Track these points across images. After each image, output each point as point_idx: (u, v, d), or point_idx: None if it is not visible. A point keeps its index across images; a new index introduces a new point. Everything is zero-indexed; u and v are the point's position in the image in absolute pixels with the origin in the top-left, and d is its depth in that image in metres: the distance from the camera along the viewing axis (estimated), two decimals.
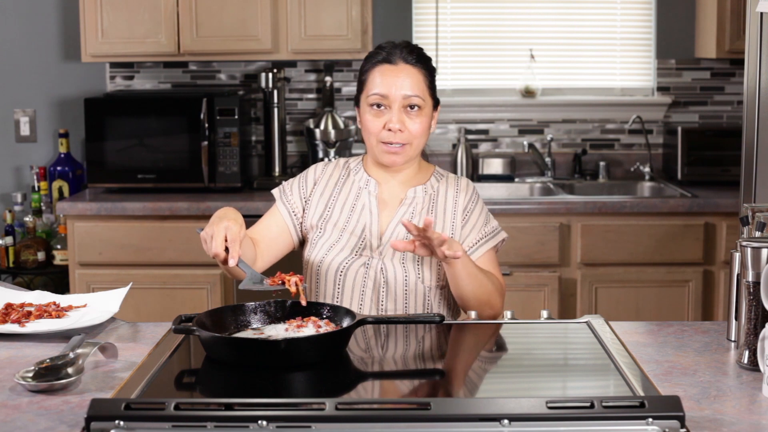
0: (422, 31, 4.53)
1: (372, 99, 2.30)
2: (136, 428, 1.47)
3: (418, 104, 2.29)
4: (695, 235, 3.92)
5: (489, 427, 1.46)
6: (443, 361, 1.95)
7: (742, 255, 1.86)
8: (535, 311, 2.66)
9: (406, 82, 2.28)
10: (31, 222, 4.30)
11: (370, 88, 2.31)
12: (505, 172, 4.47)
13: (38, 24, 4.49)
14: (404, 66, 2.30)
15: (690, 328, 2.13)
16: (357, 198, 2.38)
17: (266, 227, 2.40)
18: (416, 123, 2.29)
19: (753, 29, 2.72)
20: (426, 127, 2.32)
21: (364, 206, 2.36)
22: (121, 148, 4.13)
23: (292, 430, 1.47)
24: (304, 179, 2.45)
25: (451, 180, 2.41)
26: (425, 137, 2.34)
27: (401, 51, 2.31)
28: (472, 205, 2.38)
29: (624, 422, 1.46)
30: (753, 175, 2.73)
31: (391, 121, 2.28)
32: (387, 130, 2.28)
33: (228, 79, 4.53)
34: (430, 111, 2.34)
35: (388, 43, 2.35)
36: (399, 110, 2.28)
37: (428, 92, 2.32)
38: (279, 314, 2.02)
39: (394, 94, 2.28)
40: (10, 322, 2.14)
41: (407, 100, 2.28)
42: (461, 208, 2.36)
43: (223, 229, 2.04)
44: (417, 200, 2.36)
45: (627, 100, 4.53)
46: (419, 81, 2.30)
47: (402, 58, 2.30)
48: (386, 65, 2.30)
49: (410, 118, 2.29)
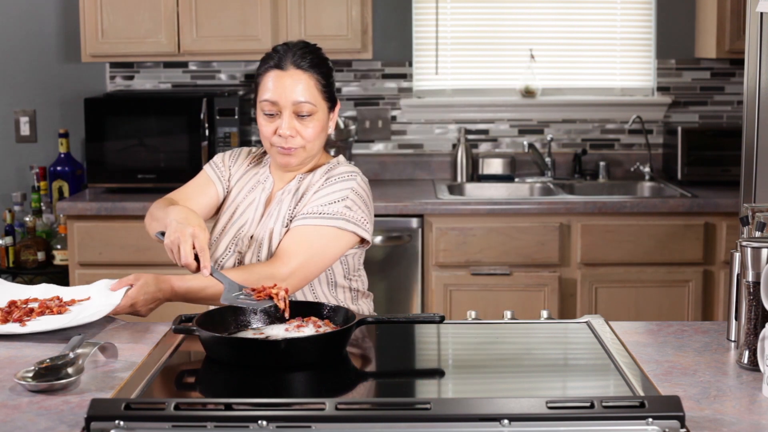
0: (422, 31, 4.53)
1: (263, 105, 2.28)
2: (136, 428, 1.47)
3: (309, 110, 2.26)
4: (695, 235, 3.92)
5: (489, 427, 1.46)
6: (443, 361, 1.95)
7: (742, 255, 1.86)
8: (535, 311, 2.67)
9: (297, 89, 2.25)
10: (31, 222, 4.30)
11: (262, 93, 2.29)
12: (505, 172, 4.47)
13: (38, 24, 4.49)
14: (295, 72, 2.26)
15: (690, 328, 2.13)
16: (251, 191, 2.39)
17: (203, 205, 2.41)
18: (308, 128, 2.27)
19: (753, 29, 2.72)
20: (319, 130, 2.29)
21: (252, 202, 2.38)
22: (121, 148, 4.13)
23: (292, 430, 1.47)
24: (235, 157, 2.46)
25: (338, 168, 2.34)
26: (320, 139, 2.32)
27: (293, 55, 2.27)
28: (328, 184, 2.30)
29: (624, 422, 1.46)
30: (753, 175, 2.73)
31: (281, 127, 2.26)
32: (278, 136, 2.27)
33: (228, 79, 4.53)
34: (325, 115, 2.31)
35: (283, 46, 2.31)
36: (290, 116, 2.26)
37: (321, 96, 2.28)
38: (279, 314, 2.01)
39: (284, 101, 2.25)
40: (11, 321, 2.14)
41: (298, 106, 2.25)
42: (319, 185, 2.31)
43: (189, 236, 2.02)
44: (290, 188, 2.34)
45: (627, 100, 4.53)
46: (310, 86, 2.26)
47: (293, 63, 2.26)
48: (277, 71, 2.26)
49: (302, 123, 2.27)
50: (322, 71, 2.29)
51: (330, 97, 2.32)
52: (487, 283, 3.93)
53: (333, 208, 2.26)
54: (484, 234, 3.92)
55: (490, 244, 3.92)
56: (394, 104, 4.54)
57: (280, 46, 2.32)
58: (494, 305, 3.85)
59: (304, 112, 2.26)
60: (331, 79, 2.33)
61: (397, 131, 4.56)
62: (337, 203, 2.27)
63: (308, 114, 2.27)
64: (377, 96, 4.53)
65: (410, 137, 4.57)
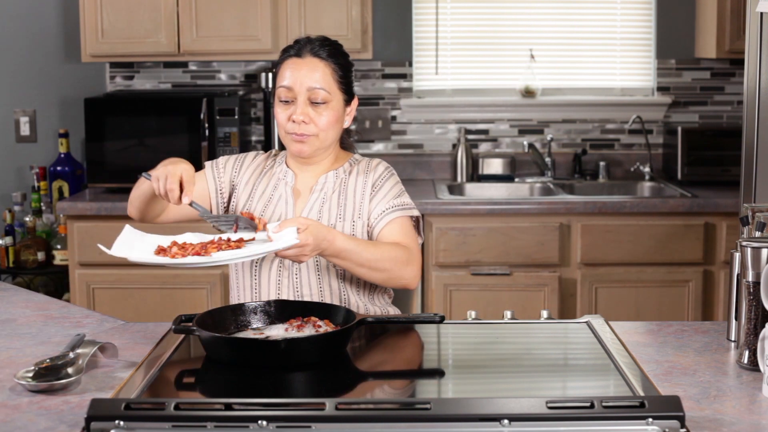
0: (422, 31, 4.53)
1: (279, 92, 2.30)
2: (136, 428, 1.47)
3: (324, 98, 2.27)
4: (695, 235, 3.92)
5: (489, 427, 1.46)
6: (443, 361, 1.95)
7: (742, 255, 1.86)
8: (535, 311, 2.67)
9: (312, 75, 2.27)
10: (31, 222, 4.30)
11: (279, 81, 2.31)
12: (505, 172, 4.47)
13: (38, 24, 4.49)
14: (311, 59, 2.29)
15: (690, 328, 2.13)
16: (275, 189, 2.39)
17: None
18: (322, 116, 2.28)
19: (753, 29, 2.72)
20: (333, 120, 2.30)
21: (281, 197, 2.37)
22: (121, 148, 4.13)
23: (292, 430, 1.47)
24: (240, 162, 2.45)
25: (364, 164, 2.39)
26: (334, 130, 2.32)
27: (313, 45, 2.30)
28: (381, 181, 2.35)
29: (624, 422, 1.47)
30: (753, 175, 2.73)
31: (295, 113, 2.28)
32: (292, 122, 2.28)
33: (228, 79, 4.53)
34: (341, 105, 2.32)
35: (304, 38, 2.34)
36: (304, 102, 2.27)
37: (337, 86, 2.30)
38: (279, 314, 2.02)
39: (299, 87, 2.27)
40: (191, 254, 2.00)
41: (312, 92, 2.27)
42: (370, 184, 2.34)
43: (179, 170, 2.11)
44: (327, 186, 2.35)
45: (627, 100, 4.53)
46: (326, 74, 2.28)
47: (311, 52, 2.29)
48: (295, 59, 2.30)
49: (316, 111, 2.28)
50: (340, 62, 2.32)
51: (347, 89, 2.33)
52: (487, 283, 3.93)
53: (404, 199, 2.34)
54: (484, 234, 3.92)
55: (490, 244, 3.92)
56: (394, 104, 4.54)
57: (302, 38, 2.35)
58: (494, 305, 3.85)
59: (319, 99, 2.27)
60: (350, 72, 2.35)
61: (397, 131, 4.56)
62: (403, 195, 2.34)
63: (323, 102, 2.28)
64: (377, 96, 4.53)
65: (410, 137, 4.57)
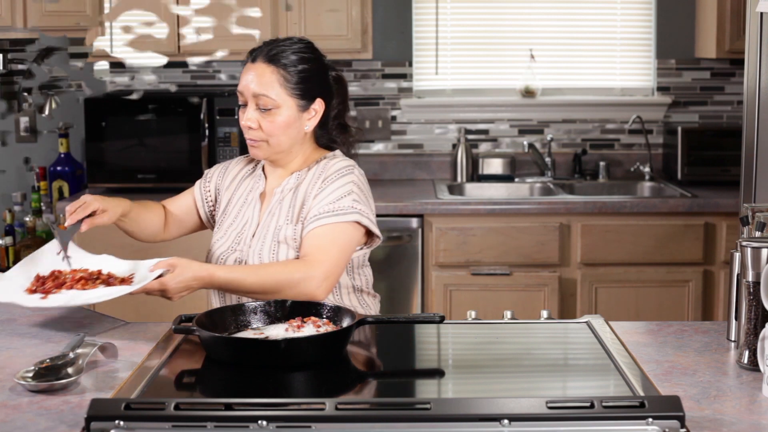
0: (422, 31, 4.53)
1: (238, 96, 2.32)
2: (136, 428, 1.47)
3: (269, 104, 2.25)
4: (695, 235, 3.92)
5: (489, 427, 1.46)
6: (443, 361, 1.95)
7: (742, 255, 1.86)
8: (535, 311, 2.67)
9: (259, 81, 2.26)
10: (31, 222, 4.30)
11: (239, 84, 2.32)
12: (505, 172, 4.47)
13: None
14: (261, 65, 2.27)
15: (690, 328, 2.13)
16: (249, 193, 2.41)
17: (179, 205, 2.53)
18: (267, 122, 2.26)
19: (753, 29, 2.72)
20: (283, 126, 2.27)
21: (251, 201, 2.39)
22: (121, 148, 4.13)
23: (292, 430, 1.47)
24: (225, 167, 2.50)
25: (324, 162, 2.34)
26: (286, 135, 2.29)
27: (270, 49, 2.28)
28: (328, 181, 2.29)
29: (624, 422, 1.46)
30: (753, 175, 2.73)
31: (243, 118, 2.29)
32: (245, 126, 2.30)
33: (228, 79, 4.53)
34: (293, 111, 2.27)
35: (270, 40, 2.33)
36: (252, 108, 2.27)
37: (287, 92, 2.26)
38: (279, 314, 2.02)
39: (247, 92, 2.28)
40: (39, 291, 2.10)
41: (257, 98, 2.26)
42: (319, 184, 2.29)
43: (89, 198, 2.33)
44: (287, 188, 2.34)
45: (627, 100, 4.53)
46: (273, 81, 2.25)
47: (264, 56, 2.27)
48: (249, 63, 2.30)
49: (263, 116, 2.27)
50: (292, 67, 2.27)
51: (303, 94, 2.28)
52: (487, 283, 3.93)
53: (342, 203, 2.24)
54: (484, 234, 3.92)
55: (490, 244, 3.92)
56: (394, 104, 4.54)
57: (268, 41, 2.33)
58: (494, 305, 3.85)
59: (264, 105, 2.26)
60: (311, 75, 2.29)
61: (397, 131, 4.56)
62: (345, 198, 2.25)
63: (269, 108, 2.26)
64: (377, 96, 4.53)
65: (410, 137, 4.57)
